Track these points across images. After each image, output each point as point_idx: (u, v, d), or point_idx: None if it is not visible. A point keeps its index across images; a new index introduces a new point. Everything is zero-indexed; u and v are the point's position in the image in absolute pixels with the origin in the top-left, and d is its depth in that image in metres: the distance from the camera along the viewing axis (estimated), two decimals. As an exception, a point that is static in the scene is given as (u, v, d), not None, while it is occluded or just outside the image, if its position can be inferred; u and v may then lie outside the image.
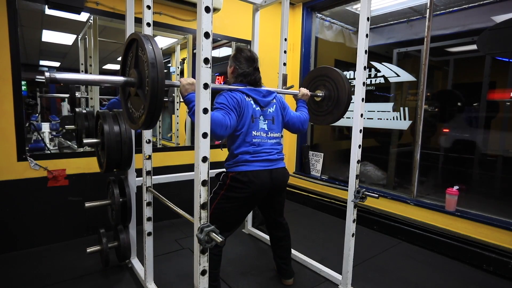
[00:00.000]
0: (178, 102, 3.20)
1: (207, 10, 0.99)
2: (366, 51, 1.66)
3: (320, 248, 2.43)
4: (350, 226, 1.77)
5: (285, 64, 2.36)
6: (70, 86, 2.65)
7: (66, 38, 2.71)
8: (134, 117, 1.16)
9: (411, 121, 2.68)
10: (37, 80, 2.58)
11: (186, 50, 3.15)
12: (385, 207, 2.78)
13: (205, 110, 1.02)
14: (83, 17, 2.47)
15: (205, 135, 1.03)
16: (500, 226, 2.12)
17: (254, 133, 1.59)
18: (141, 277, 1.86)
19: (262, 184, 1.57)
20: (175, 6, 2.70)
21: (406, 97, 2.93)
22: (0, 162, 2.09)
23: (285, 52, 2.35)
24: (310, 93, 1.96)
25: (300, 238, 2.56)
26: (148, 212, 1.72)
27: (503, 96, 2.56)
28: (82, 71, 2.64)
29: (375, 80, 2.96)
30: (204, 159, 1.03)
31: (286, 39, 2.34)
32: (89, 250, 1.90)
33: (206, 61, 1.00)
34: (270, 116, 1.67)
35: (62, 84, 0.98)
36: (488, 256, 2.12)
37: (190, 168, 2.16)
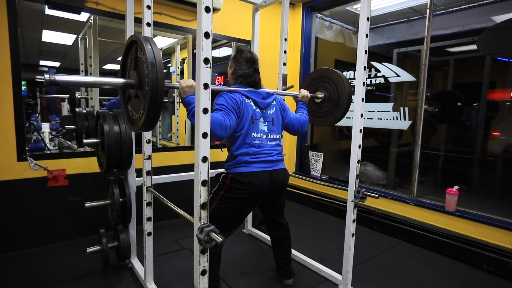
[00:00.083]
0: (178, 103, 3.20)
1: (207, 10, 0.99)
2: (366, 51, 1.66)
3: (320, 248, 2.43)
4: (350, 226, 1.77)
5: (285, 64, 2.36)
6: (70, 87, 2.65)
7: (66, 38, 2.71)
8: (134, 119, 1.16)
9: (411, 121, 2.68)
10: (37, 80, 2.58)
11: (186, 50, 3.15)
12: (385, 207, 2.78)
13: (205, 110, 1.02)
14: (83, 17, 2.47)
15: (205, 135, 1.03)
16: (500, 226, 2.12)
17: (254, 134, 1.59)
18: (141, 277, 1.86)
19: (262, 185, 1.57)
20: (175, 6, 2.70)
21: (406, 97, 2.93)
22: (0, 162, 2.09)
23: (285, 52, 2.35)
24: (310, 94, 1.96)
25: (300, 238, 2.56)
26: (148, 212, 1.73)
27: (503, 96, 2.56)
28: (82, 71, 2.64)
29: (375, 80, 2.96)
30: (204, 159, 1.03)
31: (286, 39, 2.34)
32: (89, 250, 1.90)
33: (206, 61, 1.00)
34: (270, 117, 1.67)
35: (62, 85, 0.98)
36: (488, 256, 2.12)
37: (190, 168, 2.16)
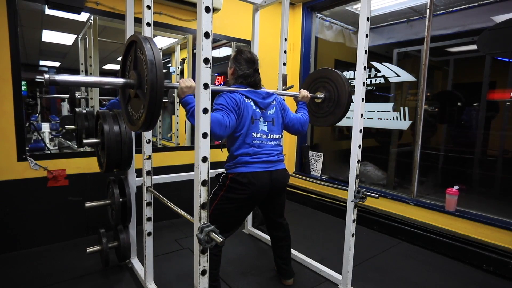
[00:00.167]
0: (177, 103, 3.20)
1: (207, 10, 0.99)
2: (366, 51, 1.66)
3: (320, 248, 2.43)
4: (350, 226, 1.77)
5: (285, 64, 2.36)
6: (70, 86, 2.65)
7: (66, 38, 2.71)
8: (134, 119, 1.16)
9: (411, 121, 2.68)
10: (37, 80, 2.58)
11: (186, 50, 3.15)
12: (385, 207, 2.78)
13: (205, 110, 1.02)
14: (83, 17, 2.47)
15: (205, 135, 1.03)
16: (500, 226, 2.12)
17: (254, 134, 1.59)
18: (141, 277, 1.86)
19: (262, 185, 1.57)
20: (175, 6, 2.70)
21: (406, 97, 2.93)
22: (0, 162, 2.09)
23: (285, 52, 2.35)
24: (310, 95, 1.96)
25: (300, 238, 2.56)
26: (148, 212, 1.72)
27: (503, 96, 2.56)
28: (82, 71, 2.64)
29: (375, 80, 2.96)
30: (204, 159, 1.03)
31: (286, 39, 2.34)
32: (89, 250, 1.90)
33: (206, 61, 1.00)
34: (270, 118, 1.67)
35: (62, 85, 0.99)
36: (488, 256, 2.12)
37: (190, 168, 2.16)
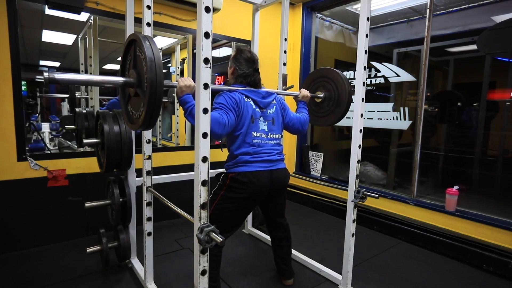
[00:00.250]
0: (177, 103, 3.19)
1: (207, 10, 0.99)
2: (366, 51, 1.66)
3: (320, 248, 2.43)
4: (350, 226, 1.77)
5: (285, 64, 2.36)
6: (70, 86, 2.65)
7: (66, 38, 2.71)
8: (134, 117, 1.16)
9: (411, 121, 2.68)
10: (37, 80, 2.58)
11: (186, 50, 3.15)
12: (385, 207, 2.78)
13: (205, 110, 1.02)
14: (83, 17, 2.47)
15: (205, 135, 1.03)
16: (500, 226, 2.12)
17: (254, 134, 1.59)
18: (141, 277, 1.86)
19: (262, 185, 1.57)
20: (175, 6, 2.70)
21: (406, 97, 2.93)
22: (0, 162, 2.09)
23: (285, 52, 2.35)
24: (310, 94, 1.96)
25: (300, 238, 2.56)
26: (148, 212, 1.72)
27: (503, 96, 2.56)
28: (82, 71, 2.64)
29: (375, 80, 2.96)
30: (204, 159, 1.03)
31: (286, 39, 2.34)
32: (89, 250, 1.90)
33: (206, 61, 1.00)
34: (270, 117, 1.67)
35: (62, 84, 0.99)
36: (488, 256, 2.12)
37: (190, 168, 2.16)
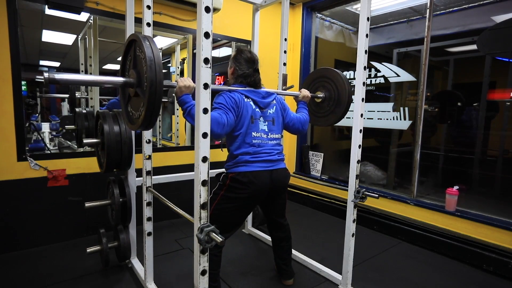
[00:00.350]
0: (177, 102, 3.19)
1: (207, 10, 0.99)
2: (366, 51, 1.66)
3: (320, 248, 2.43)
4: (350, 226, 1.77)
5: (285, 64, 2.36)
6: (70, 86, 2.65)
7: (66, 38, 2.71)
8: (134, 117, 1.16)
9: (411, 121, 2.68)
10: (37, 80, 2.58)
11: (186, 50, 3.15)
12: (385, 207, 2.78)
13: (205, 110, 1.02)
14: (83, 17, 2.47)
15: (205, 135, 1.03)
16: (500, 226, 2.12)
17: (254, 134, 1.59)
18: (141, 277, 1.86)
19: (262, 185, 1.57)
20: (175, 6, 2.70)
21: (406, 97, 2.93)
22: (0, 162, 2.09)
23: (285, 52, 2.35)
24: (310, 94, 1.96)
25: (300, 238, 2.56)
26: (148, 212, 1.72)
27: (503, 96, 2.56)
28: (82, 71, 2.64)
29: (375, 80, 2.96)
30: (204, 159, 1.03)
31: (286, 39, 2.34)
32: (89, 250, 1.90)
33: (206, 61, 1.00)
34: (270, 117, 1.67)
35: (62, 84, 0.99)
36: (488, 256, 2.12)
37: (190, 168, 2.16)
